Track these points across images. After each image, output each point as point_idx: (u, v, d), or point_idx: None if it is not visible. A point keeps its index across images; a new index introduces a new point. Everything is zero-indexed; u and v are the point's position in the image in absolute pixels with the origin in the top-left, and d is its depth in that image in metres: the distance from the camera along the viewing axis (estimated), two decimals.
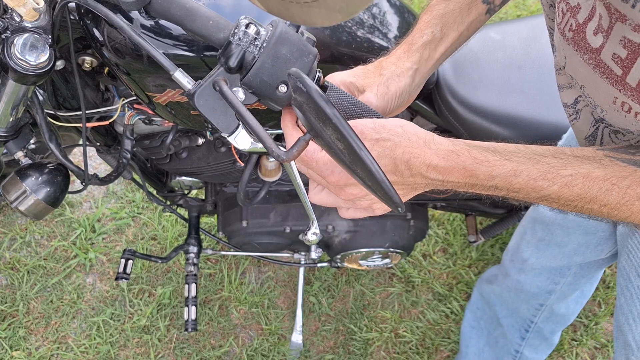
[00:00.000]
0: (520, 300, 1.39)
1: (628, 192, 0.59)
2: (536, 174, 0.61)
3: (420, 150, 0.62)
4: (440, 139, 0.63)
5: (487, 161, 0.61)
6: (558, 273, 1.26)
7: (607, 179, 0.59)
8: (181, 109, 0.95)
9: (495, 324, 1.54)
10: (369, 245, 1.46)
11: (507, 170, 0.61)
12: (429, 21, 0.81)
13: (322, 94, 0.52)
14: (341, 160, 0.56)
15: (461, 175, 0.62)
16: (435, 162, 0.62)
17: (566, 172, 0.60)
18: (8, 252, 1.92)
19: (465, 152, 0.62)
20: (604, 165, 0.59)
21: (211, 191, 1.46)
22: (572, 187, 0.60)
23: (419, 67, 0.79)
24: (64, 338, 1.81)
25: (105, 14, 0.68)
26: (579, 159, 0.60)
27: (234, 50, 0.64)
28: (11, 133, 0.96)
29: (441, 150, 0.62)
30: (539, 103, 1.21)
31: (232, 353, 1.83)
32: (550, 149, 0.62)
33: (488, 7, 0.81)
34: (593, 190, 0.60)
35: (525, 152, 0.62)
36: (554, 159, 0.61)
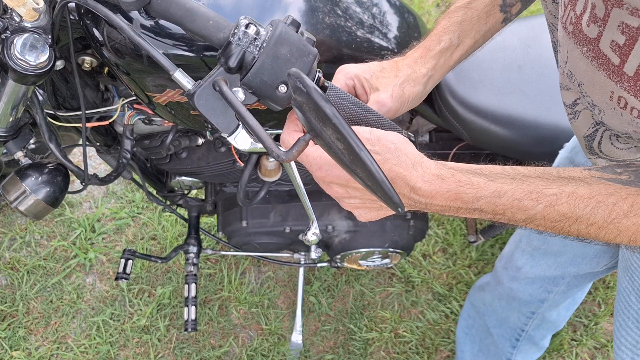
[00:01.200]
0: (511, 308, 1.38)
1: (614, 210, 0.58)
2: (520, 194, 0.61)
3: (406, 171, 0.62)
4: (428, 163, 0.63)
5: (471, 184, 0.62)
6: (552, 282, 1.25)
7: (593, 197, 0.59)
8: (181, 109, 0.95)
9: (485, 333, 1.54)
10: (369, 245, 1.46)
11: (492, 192, 0.61)
12: (447, 27, 0.81)
13: (322, 94, 0.52)
14: (341, 160, 0.56)
15: (445, 199, 0.63)
16: (419, 185, 0.62)
17: (551, 191, 0.60)
18: (8, 252, 1.92)
19: (449, 176, 0.62)
20: (590, 184, 0.59)
21: (211, 191, 1.46)
22: (557, 207, 0.60)
23: (434, 74, 0.80)
24: (64, 338, 1.81)
25: (105, 14, 0.68)
26: (564, 179, 0.60)
27: (233, 51, 0.64)
28: (11, 133, 0.96)
29: (427, 174, 0.62)
30: (539, 103, 1.21)
31: (232, 353, 1.83)
32: (537, 169, 0.62)
33: (505, 15, 0.82)
34: (579, 209, 0.59)
35: (510, 174, 0.62)
36: (540, 179, 0.61)
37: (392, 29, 1.03)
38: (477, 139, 1.28)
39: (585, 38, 0.56)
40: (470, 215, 0.64)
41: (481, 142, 1.29)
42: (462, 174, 0.62)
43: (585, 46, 0.57)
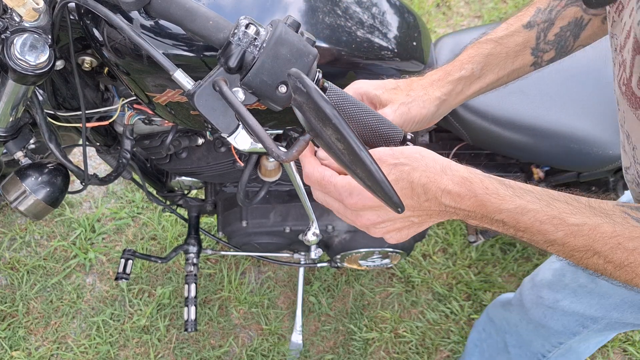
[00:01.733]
0: (538, 334, 1.31)
1: (633, 254, 0.57)
2: (543, 217, 0.60)
3: (437, 175, 0.62)
4: (457, 166, 0.63)
5: (497, 194, 0.61)
6: (590, 319, 1.15)
7: (614, 237, 0.58)
8: (181, 109, 0.94)
9: (500, 350, 1.47)
10: (369, 245, 1.46)
11: (515, 207, 0.61)
12: (473, 57, 0.80)
13: (322, 94, 0.52)
14: (341, 160, 0.56)
15: (472, 204, 0.62)
16: (450, 187, 0.62)
17: (574, 221, 0.59)
18: (8, 252, 1.92)
19: (478, 181, 0.62)
20: (615, 222, 0.58)
21: (211, 191, 1.46)
22: (577, 237, 0.59)
23: (448, 99, 0.79)
24: (64, 338, 1.81)
25: (105, 14, 0.68)
26: (592, 210, 0.59)
27: (233, 51, 0.64)
28: (11, 133, 0.96)
29: (456, 177, 0.62)
30: (539, 103, 1.21)
31: (232, 353, 1.83)
32: (566, 195, 0.61)
33: (535, 59, 0.80)
34: (598, 244, 0.58)
35: (538, 194, 0.61)
36: (566, 204, 0.60)
37: (392, 29, 1.03)
38: (477, 139, 1.28)
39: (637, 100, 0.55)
40: (493, 227, 0.64)
41: (481, 142, 1.29)
42: (489, 181, 0.62)
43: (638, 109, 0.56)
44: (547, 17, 0.77)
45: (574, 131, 1.19)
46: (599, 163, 1.21)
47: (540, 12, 0.78)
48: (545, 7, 0.78)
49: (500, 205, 0.61)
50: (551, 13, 0.77)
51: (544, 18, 0.78)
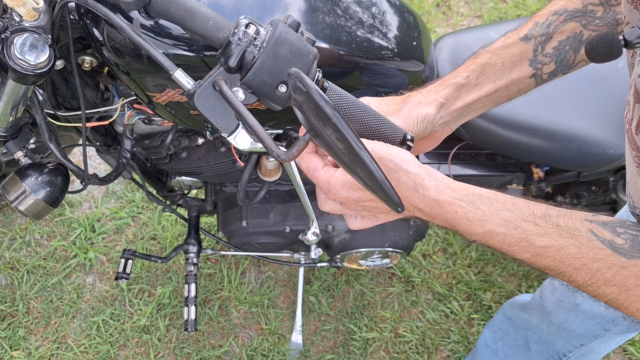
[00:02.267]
0: (560, 336, 1.31)
1: (596, 275, 0.59)
2: (510, 240, 0.62)
3: (408, 192, 0.65)
4: (428, 184, 0.64)
5: (466, 219, 0.63)
6: (612, 322, 1.16)
7: (579, 258, 0.59)
8: (181, 109, 0.94)
9: (520, 347, 1.47)
10: (369, 245, 1.46)
11: (484, 232, 0.63)
12: (468, 66, 0.81)
13: (322, 94, 0.52)
14: (341, 160, 0.56)
15: (443, 223, 0.65)
16: (420, 206, 0.65)
17: (540, 243, 0.61)
18: (8, 252, 1.92)
19: (447, 205, 0.64)
20: (581, 244, 0.59)
21: (211, 191, 1.46)
22: (543, 258, 0.61)
23: (446, 103, 0.80)
24: (64, 338, 1.81)
25: (105, 13, 0.68)
26: (559, 230, 0.60)
27: (233, 50, 0.64)
28: (11, 133, 0.96)
29: (427, 198, 0.64)
30: (539, 103, 1.21)
31: (232, 353, 1.83)
32: (537, 212, 0.62)
33: (534, 71, 0.80)
34: (563, 265, 0.60)
35: (508, 213, 0.62)
36: (534, 225, 0.61)
37: (392, 28, 1.03)
38: (477, 139, 1.28)
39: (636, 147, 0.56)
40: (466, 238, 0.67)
41: (481, 142, 1.29)
42: (459, 205, 0.63)
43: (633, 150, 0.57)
44: (545, 30, 0.78)
45: (574, 131, 1.19)
46: (599, 163, 1.21)
47: (538, 25, 0.79)
48: (544, 21, 0.79)
49: (469, 229, 0.64)
50: (549, 27, 0.78)
51: (542, 32, 0.78)
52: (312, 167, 0.69)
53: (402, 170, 0.64)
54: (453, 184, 0.65)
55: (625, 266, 0.57)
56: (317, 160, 0.69)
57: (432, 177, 0.65)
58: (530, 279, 1.97)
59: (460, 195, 0.64)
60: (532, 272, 1.99)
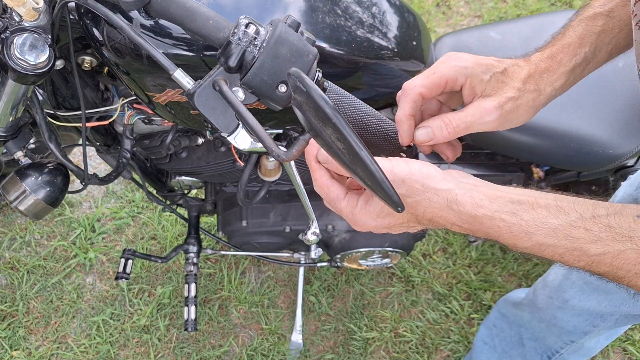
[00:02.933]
0: (551, 333, 1.31)
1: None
2: (562, 251, 0.57)
3: (442, 211, 0.60)
4: (462, 199, 0.59)
5: (510, 233, 0.59)
6: (599, 317, 1.15)
7: (639, 263, 0.55)
8: (181, 109, 0.94)
9: (515, 343, 1.48)
10: (369, 245, 1.46)
11: (532, 245, 0.58)
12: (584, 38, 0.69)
13: (322, 94, 0.52)
14: (341, 160, 0.56)
15: (485, 236, 0.61)
16: (458, 223, 0.60)
17: (595, 251, 0.56)
18: (8, 251, 1.92)
19: (487, 221, 0.59)
20: (638, 247, 0.55)
21: (211, 191, 1.46)
22: (600, 266, 0.57)
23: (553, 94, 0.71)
24: (64, 338, 1.81)
25: (105, 13, 0.68)
26: (612, 232, 0.56)
27: (233, 50, 0.64)
28: (11, 133, 0.96)
29: (463, 214, 0.59)
30: None
31: (232, 353, 1.83)
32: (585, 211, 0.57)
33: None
34: (621, 271, 0.56)
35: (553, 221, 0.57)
36: (585, 231, 0.56)
37: (392, 28, 1.03)
38: (477, 138, 1.28)
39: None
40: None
41: (481, 142, 1.29)
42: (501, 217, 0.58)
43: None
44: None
45: (573, 131, 1.19)
46: (599, 162, 1.21)
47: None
48: None
49: (515, 243, 0.59)
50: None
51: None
52: (333, 198, 0.65)
53: (430, 189, 0.60)
54: (489, 191, 0.60)
55: None
56: (337, 189, 0.65)
57: (465, 189, 0.60)
58: (530, 279, 1.97)
59: (499, 205, 0.59)
60: (532, 272, 1.99)
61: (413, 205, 0.61)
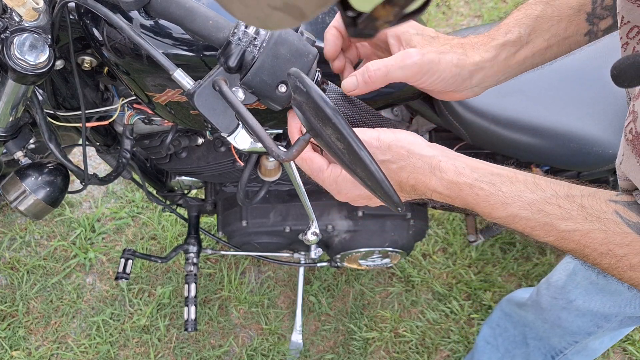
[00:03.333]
0: (555, 333, 1.32)
1: (622, 260, 0.57)
2: (533, 224, 0.60)
3: (425, 176, 0.62)
4: (445, 166, 0.61)
5: (487, 201, 0.61)
6: (604, 318, 1.16)
7: (605, 244, 0.58)
8: (181, 109, 0.94)
9: (518, 343, 1.48)
10: (369, 245, 1.46)
11: (506, 215, 0.61)
12: (520, 20, 0.71)
13: (322, 94, 0.52)
14: (341, 160, 0.57)
15: (463, 205, 0.63)
16: (439, 190, 0.62)
17: (564, 227, 0.59)
18: (8, 252, 1.92)
19: (467, 188, 0.61)
20: (607, 228, 0.57)
21: (211, 191, 1.46)
22: (568, 242, 0.59)
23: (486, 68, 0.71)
24: (64, 338, 1.81)
25: (105, 13, 0.68)
26: (584, 212, 0.58)
27: (233, 50, 0.64)
28: (11, 133, 0.96)
29: (444, 180, 0.61)
30: (539, 103, 1.21)
31: (231, 353, 1.83)
32: (561, 190, 0.59)
33: (590, 27, 0.71)
34: (588, 250, 0.59)
35: (529, 195, 0.60)
36: (558, 208, 0.59)
37: None
38: (477, 138, 1.27)
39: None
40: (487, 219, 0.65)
41: (481, 142, 1.29)
42: (479, 187, 0.61)
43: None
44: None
45: (573, 130, 1.19)
46: (599, 162, 1.21)
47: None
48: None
49: (490, 212, 0.62)
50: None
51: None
52: (315, 169, 0.66)
53: (415, 155, 0.62)
54: (471, 162, 0.63)
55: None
56: (320, 160, 0.66)
57: (449, 157, 0.62)
58: (530, 279, 1.97)
59: (479, 175, 0.61)
60: (532, 272, 1.99)
61: (397, 171, 0.62)
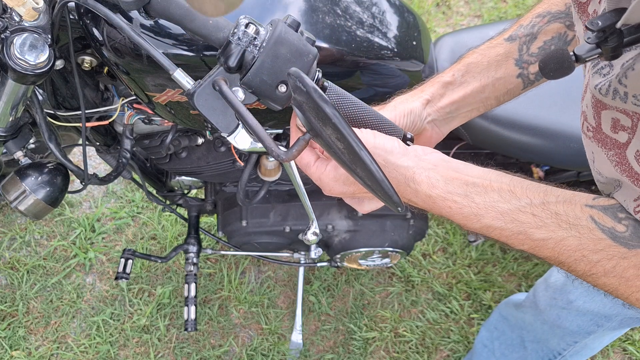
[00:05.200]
0: (554, 334, 1.32)
1: (596, 266, 0.58)
2: (508, 233, 0.61)
3: (400, 186, 0.64)
4: (419, 178, 0.63)
5: (461, 214, 0.62)
6: (604, 318, 1.16)
7: (579, 250, 0.58)
8: (181, 109, 0.94)
9: (516, 346, 1.48)
10: (369, 245, 1.46)
11: (480, 226, 0.62)
12: (455, 66, 0.81)
13: (322, 94, 0.52)
14: (341, 159, 0.57)
15: (438, 215, 0.65)
16: (415, 200, 0.64)
17: (539, 236, 0.60)
18: (8, 251, 1.92)
19: (440, 201, 0.63)
20: (580, 235, 0.58)
21: (211, 191, 1.46)
22: (542, 250, 0.60)
23: (432, 100, 0.80)
24: (64, 338, 1.81)
25: (105, 13, 0.68)
26: (558, 220, 0.59)
27: (233, 50, 0.64)
28: (11, 133, 0.96)
29: (419, 193, 0.63)
30: (539, 102, 1.21)
31: (231, 352, 1.83)
32: (536, 197, 0.61)
33: (520, 70, 0.80)
34: (562, 257, 0.60)
35: (503, 205, 0.61)
36: (532, 217, 0.60)
37: (392, 28, 1.03)
38: (477, 138, 1.28)
39: (614, 142, 0.56)
40: None
41: (481, 142, 1.29)
42: (453, 199, 0.62)
43: (612, 150, 0.57)
44: (529, 31, 0.79)
45: (574, 131, 1.19)
46: None
47: (522, 27, 0.80)
48: (528, 23, 0.80)
49: (465, 224, 0.63)
50: (533, 28, 0.79)
51: (526, 32, 0.79)
52: (303, 165, 0.68)
53: (390, 164, 0.64)
54: (446, 172, 0.64)
55: (626, 257, 0.56)
56: (308, 156, 0.68)
57: (423, 167, 0.64)
58: (530, 279, 1.97)
59: (453, 187, 0.63)
60: (532, 272, 1.99)
61: None
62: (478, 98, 0.81)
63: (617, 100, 0.52)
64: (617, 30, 0.48)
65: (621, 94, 0.51)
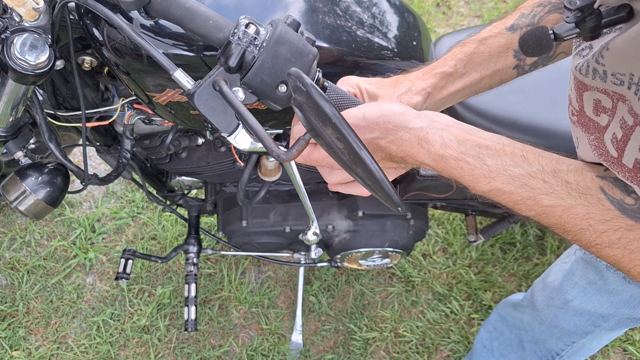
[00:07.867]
0: (552, 334, 1.31)
1: (601, 237, 0.58)
2: (517, 198, 0.61)
3: (413, 149, 0.63)
4: (432, 138, 0.63)
5: (472, 175, 0.62)
6: (601, 318, 1.15)
7: (586, 219, 0.58)
8: (181, 109, 0.94)
9: (514, 346, 1.48)
10: (369, 245, 1.46)
11: (490, 189, 0.62)
12: (456, 55, 0.81)
13: (322, 94, 0.52)
14: (341, 159, 0.57)
15: (449, 176, 0.64)
16: (427, 161, 0.64)
17: (547, 202, 0.60)
18: (8, 252, 1.92)
19: (452, 161, 0.63)
20: (589, 204, 0.58)
21: (211, 191, 1.46)
22: (549, 217, 0.60)
23: (432, 92, 0.80)
24: (64, 338, 1.81)
25: (105, 13, 0.68)
26: (568, 188, 0.59)
27: (233, 50, 0.64)
28: (11, 133, 0.96)
29: (431, 153, 0.63)
30: (539, 102, 1.21)
31: (232, 353, 1.83)
32: (548, 165, 0.61)
33: (517, 62, 0.81)
34: (569, 225, 0.60)
35: (515, 170, 0.61)
36: (543, 183, 0.60)
37: (392, 28, 1.03)
38: None
39: (596, 126, 0.57)
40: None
41: None
42: (466, 159, 0.62)
43: (593, 134, 0.58)
44: (530, 21, 0.79)
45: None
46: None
47: (523, 16, 0.80)
48: (529, 12, 0.80)
49: (475, 185, 0.63)
50: (534, 18, 0.79)
51: (527, 22, 0.79)
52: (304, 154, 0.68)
53: (402, 128, 0.63)
54: (459, 133, 0.64)
55: (632, 229, 0.56)
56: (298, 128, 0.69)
57: (437, 127, 0.64)
58: (530, 279, 1.97)
59: (466, 148, 0.63)
60: (532, 272, 1.99)
61: (386, 145, 0.64)
62: (474, 88, 0.82)
63: (597, 79, 0.52)
64: (595, 11, 0.49)
65: (600, 72, 0.52)
